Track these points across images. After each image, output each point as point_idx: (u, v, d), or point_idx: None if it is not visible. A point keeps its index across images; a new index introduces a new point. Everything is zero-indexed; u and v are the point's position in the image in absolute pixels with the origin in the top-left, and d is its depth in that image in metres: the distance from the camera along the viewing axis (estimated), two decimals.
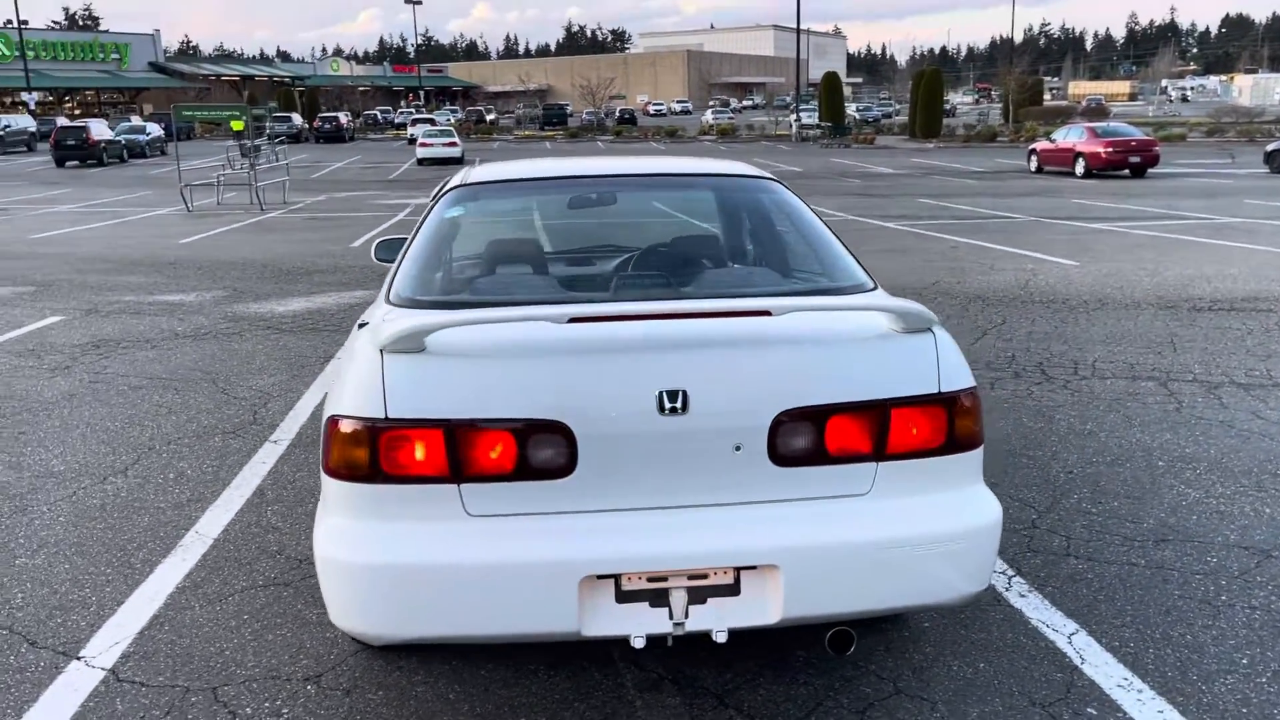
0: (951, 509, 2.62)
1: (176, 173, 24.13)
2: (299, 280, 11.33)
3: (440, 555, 2.40)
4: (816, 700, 2.97)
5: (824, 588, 2.50)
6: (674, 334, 2.53)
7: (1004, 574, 3.77)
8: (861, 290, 3.05)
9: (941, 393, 2.60)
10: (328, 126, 55.19)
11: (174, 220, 18.48)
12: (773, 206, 3.61)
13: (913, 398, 2.57)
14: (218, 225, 17.32)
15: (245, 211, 19.86)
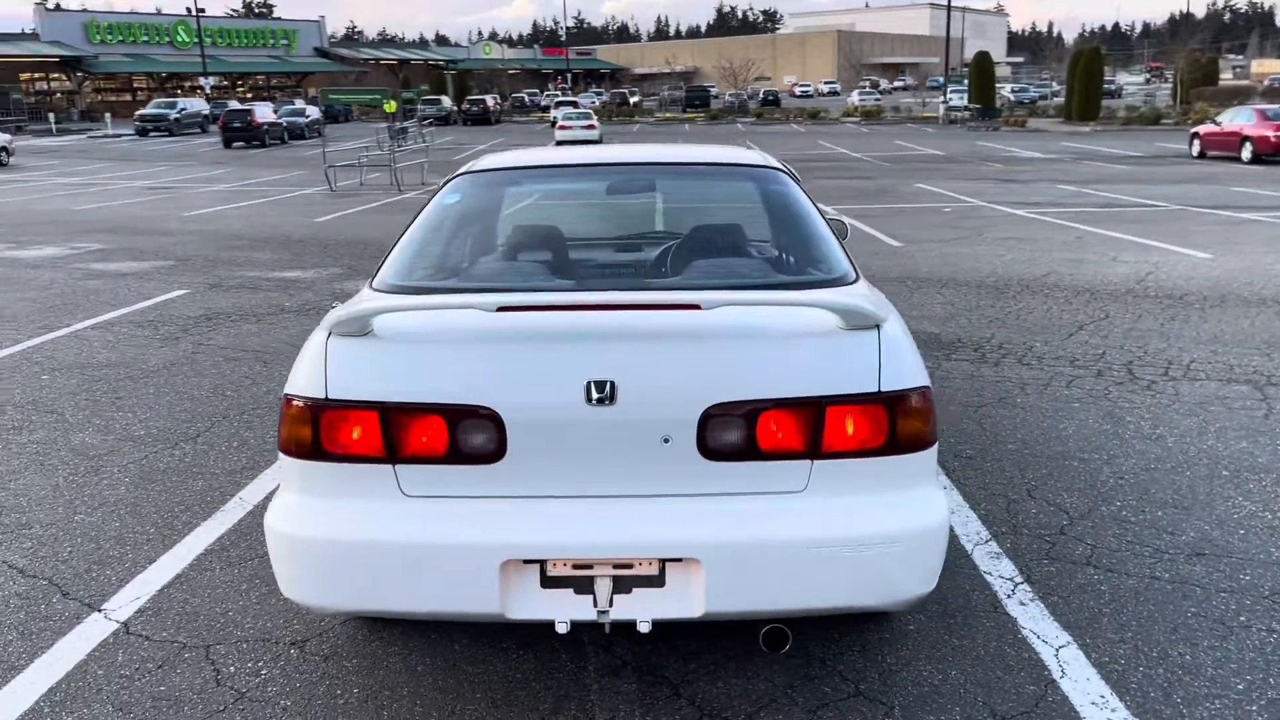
0: (891, 511, 2.57)
1: (323, 154, 25.17)
2: None
3: (374, 533, 2.50)
4: (771, 696, 2.95)
5: (748, 584, 2.49)
6: (602, 325, 2.56)
7: (1009, 580, 3.65)
8: (840, 283, 3.00)
9: (882, 392, 2.54)
10: (475, 109, 56.64)
11: (316, 200, 19.34)
12: (770, 196, 3.57)
13: (849, 396, 2.53)
14: (354, 205, 18.05)
15: (384, 192, 20.60)
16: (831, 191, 18.76)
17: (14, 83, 68.59)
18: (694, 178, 3.76)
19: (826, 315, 2.61)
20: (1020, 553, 3.88)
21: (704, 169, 3.74)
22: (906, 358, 2.61)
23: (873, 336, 2.58)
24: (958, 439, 5.17)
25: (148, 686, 3.04)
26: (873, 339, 2.57)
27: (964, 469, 4.76)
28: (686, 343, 2.54)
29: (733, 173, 3.72)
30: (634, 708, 2.90)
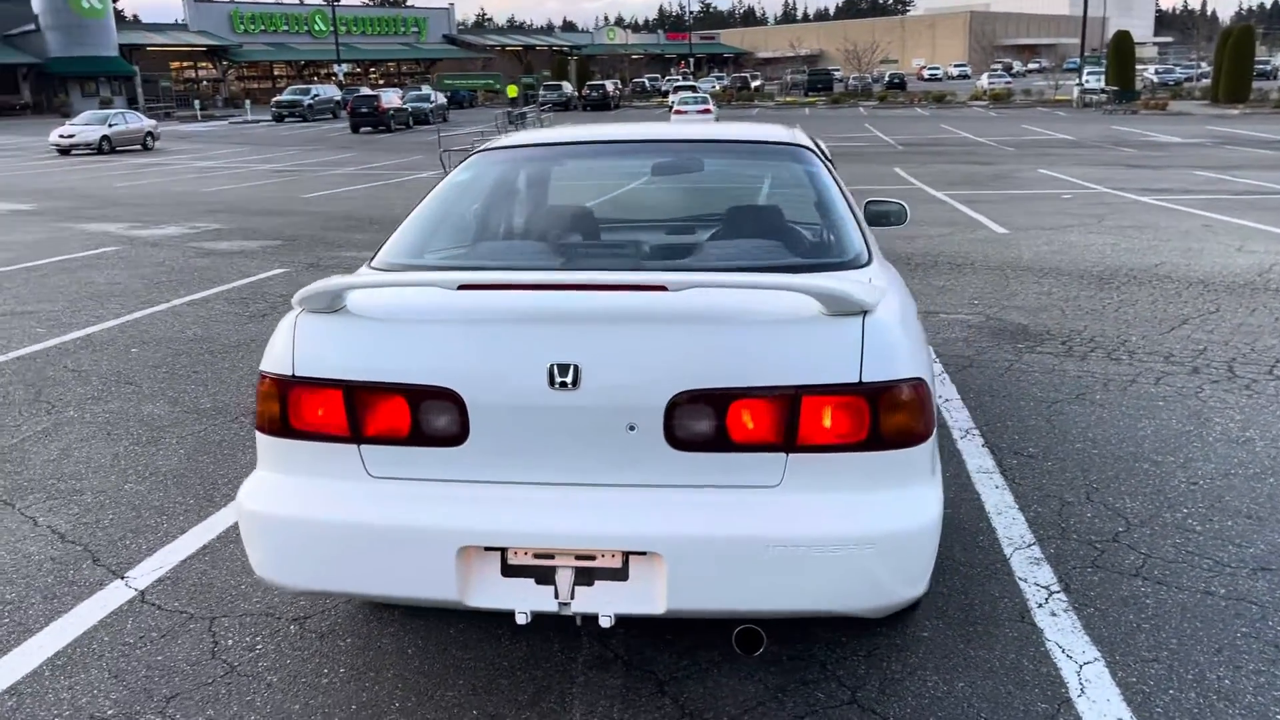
0: (873, 510, 2.40)
1: (438, 139, 25.65)
2: None
3: (337, 513, 2.47)
4: (760, 700, 2.82)
5: (714, 582, 2.36)
6: (566, 306, 2.46)
7: (1044, 588, 3.41)
8: (848, 266, 2.84)
9: (863, 383, 2.38)
10: (594, 94, 56.99)
11: (430, 183, 19.72)
12: (792, 175, 3.41)
13: (827, 386, 2.37)
14: None
15: None
16: (943, 177, 18.15)
17: (165, 71, 72.11)
18: (714, 155, 3.62)
19: (806, 300, 2.45)
20: (1064, 559, 3.62)
21: (725, 146, 3.60)
22: (897, 347, 2.43)
23: (855, 323, 2.41)
24: (1022, 436, 4.89)
25: (146, 656, 3.09)
26: (855, 326, 2.40)
27: (1022, 468, 4.50)
28: (653, 326, 2.42)
29: (755, 150, 3.56)
30: (614, 703, 2.81)
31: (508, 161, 3.54)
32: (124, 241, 12.64)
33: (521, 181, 3.49)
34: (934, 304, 7.94)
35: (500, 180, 3.48)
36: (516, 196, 3.41)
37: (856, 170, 20.10)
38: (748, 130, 3.65)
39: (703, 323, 2.42)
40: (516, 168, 3.54)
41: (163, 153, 33.02)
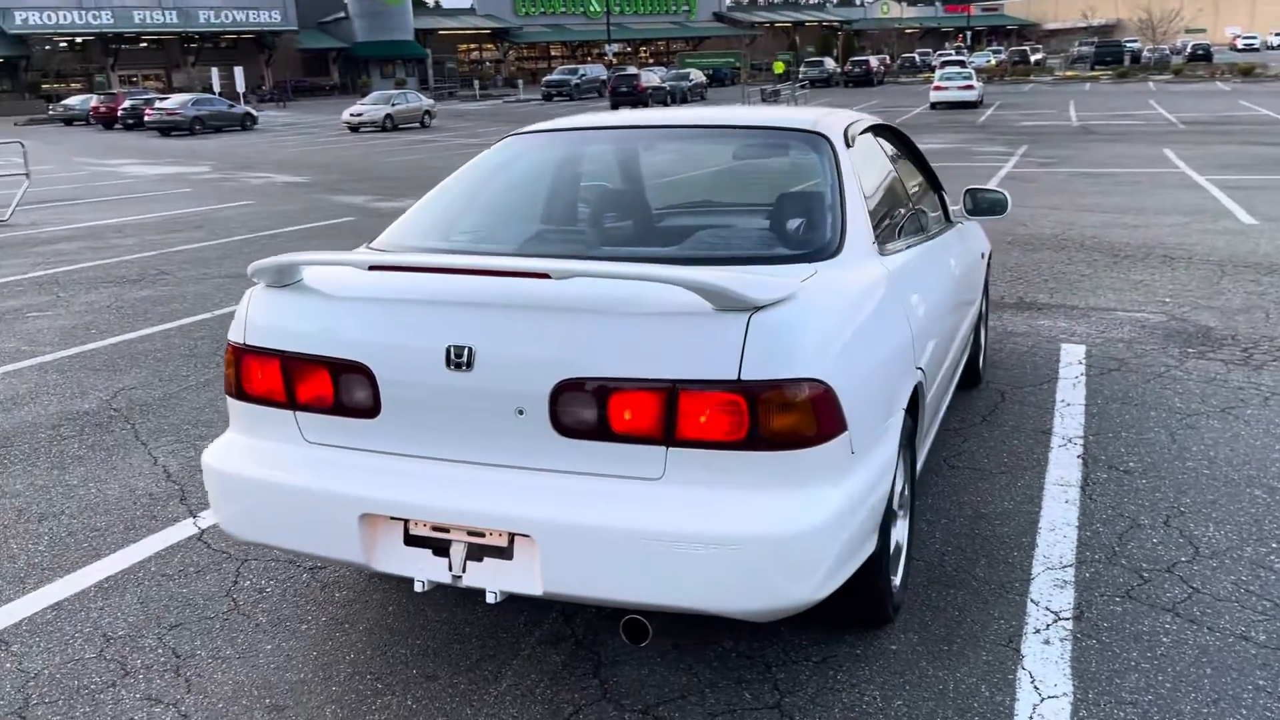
0: (753, 510, 2.34)
1: None
2: None
3: (271, 473, 2.69)
4: (684, 692, 2.81)
5: (586, 569, 2.39)
6: (463, 290, 2.54)
7: (1053, 614, 3.15)
8: (807, 259, 2.76)
9: (742, 381, 2.31)
10: (857, 70, 55.71)
11: None
12: (793, 162, 3.30)
13: (704, 382, 2.33)
14: None
15: None
16: (1216, 159, 16.48)
17: (451, 53, 77.08)
18: (719, 140, 3.56)
19: (685, 294, 2.41)
20: (1095, 585, 3.33)
21: (734, 132, 3.53)
22: (788, 346, 2.35)
23: (739, 321, 2.34)
24: (1130, 450, 4.48)
25: (174, 587, 3.47)
26: (739, 323, 2.34)
27: (1108, 484, 4.13)
28: (540, 313, 2.46)
29: (763, 136, 3.47)
30: (544, 678, 2.89)
31: (532, 145, 3.64)
32: (360, 212, 13.76)
33: (533, 165, 3.58)
34: (1116, 300, 7.32)
35: (515, 163, 3.58)
36: (522, 179, 3.50)
37: (1118, 151, 18.63)
38: (766, 115, 3.56)
39: (585, 312, 2.43)
40: (537, 151, 3.63)
41: (437, 130, 35.42)
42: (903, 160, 4.19)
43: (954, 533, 3.75)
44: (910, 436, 3.19)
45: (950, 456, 4.50)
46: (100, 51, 63.72)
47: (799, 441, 2.37)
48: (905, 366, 2.93)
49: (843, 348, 2.49)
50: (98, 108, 43.80)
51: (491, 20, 76.25)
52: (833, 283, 2.68)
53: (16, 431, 5.16)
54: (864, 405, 2.57)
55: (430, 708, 2.76)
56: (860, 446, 2.55)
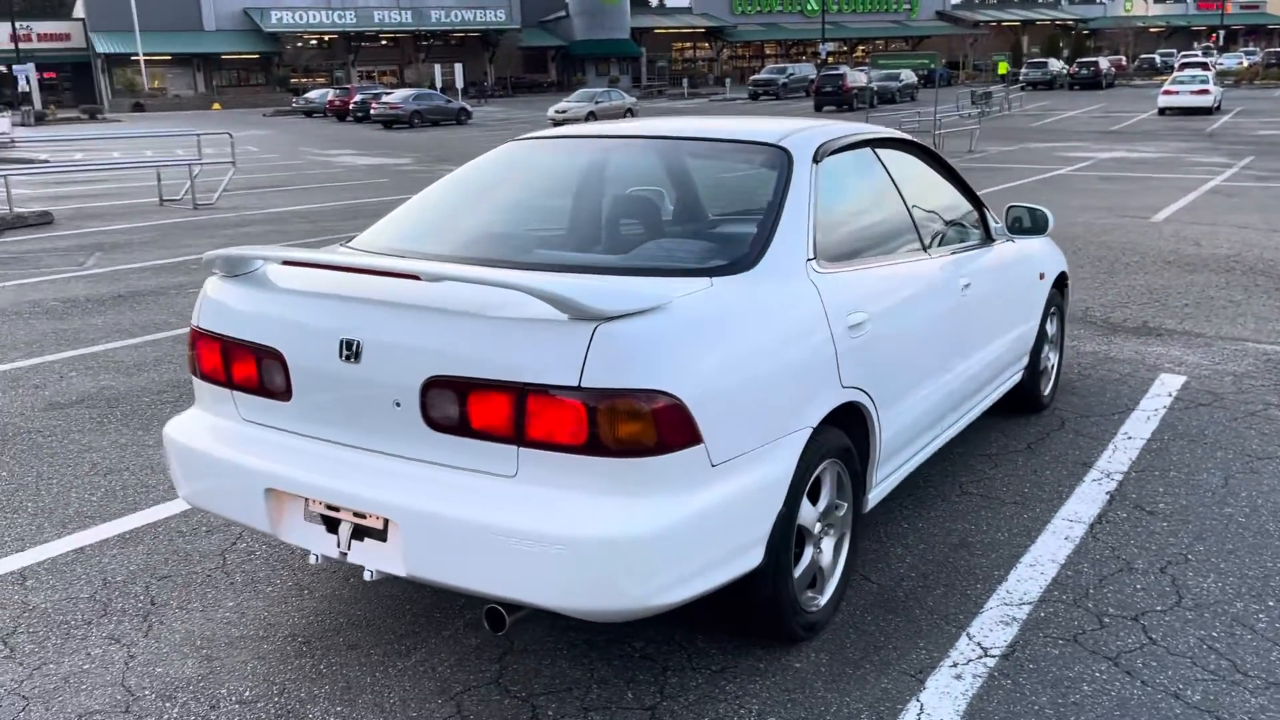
0: (591, 514, 2.42)
1: (865, 118, 25.48)
2: None
3: (209, 445, 2.97)
4: (570, 685, 2.91)
5: (441, 557, 2.53)
6: (357, 287, 2.74)
7: (983, 650, 3.05)
8: (714, 273, 2.80)
9: (582, 389, 2.40)
10: (1084, 72, 52.71)
11: None
12: (751, 176, 3.31)
13: (548, 387, 2.43)
14: None
15: None
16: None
17: (665, 52, 78.17)
18: (685, 153, 3.60)
19: (536, 302, 2.51)
20: (1044, 625, 3.19)
21: (701, 144, 3.56)
22: (632, 357, 2.41)
23: (585, 330, 2.42)
24: (1168, 490, 4.21)
25: (181, 544, 3.85)
26: (584, 332, 2.42)
27: (1123, 523, 3.91)
28: (414, 313, 2.62)
29: (726, 149, 3.49)
30: (450, 657, 3.06)
31: (520, 151, 3.80)
32: None
33: (510, 172, 3.72)
34: (1254, 330, 6.77)
35: (496, 169, 3.74)
36: (496, 185, 3.64)
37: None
38: (739, 128, 3.58)
39: (452, 314, 2.58)
40: (521, 157, 3.77)
41: None
42: (917, 178, 4.09)
43: (927, 559, 3.65)
44: (845, 455, 3.15)
45: (969, 482, 4.35)
46: (343, 49, 68.54)
47: (640, 450, 2.43)
48: (817, 384, 2.91)
49: (703, 362, 2.53)
50: (332, 101, 47.18)
51: (707, 19, 76.85)
52: (720, 297, 2.71)
53: (128, 394, 5.78)
54: (732, 420, 2.60)
55: (336, 672, 2.99)
56: (724, 460, 2.58)
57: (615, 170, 3.59)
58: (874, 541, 3.81)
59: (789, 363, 2.81)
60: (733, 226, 3.15)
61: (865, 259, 3.40)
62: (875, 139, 3.88)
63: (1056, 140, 24.55)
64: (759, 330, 2.74)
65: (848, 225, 3.53)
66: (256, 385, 2.92)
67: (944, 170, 4.39)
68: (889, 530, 3.90)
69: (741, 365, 2.65)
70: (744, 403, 2.65)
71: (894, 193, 3.82)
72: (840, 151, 3.60)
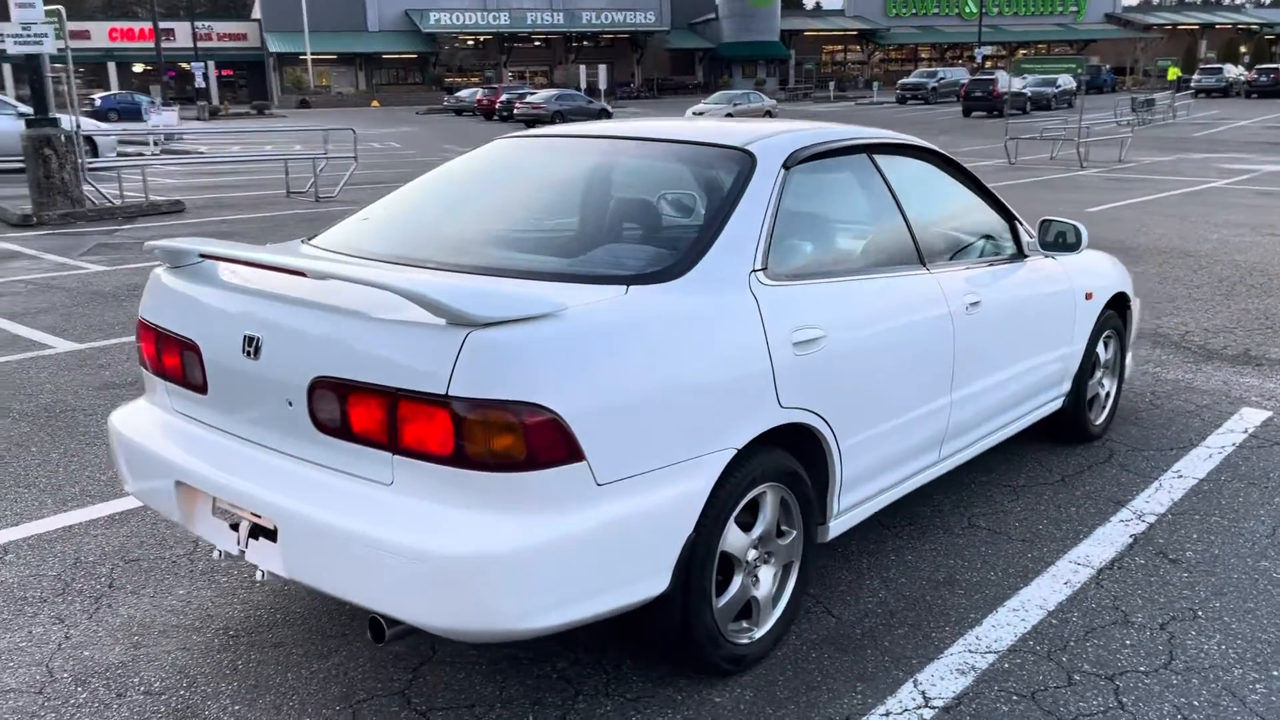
0: (457, 529, 2.32)
1: (1005, 125, 24.49)
2: None
3: (140, 436, 2.99)
4: (474, 702, 2.81)
5: (315, 562, 2.47)
6: (255, 283, 2.70)
7: (924, 698, 2.80)
8: (632, 281, 2.66)
9: (449, 397, 2.30)
10: (1263, 79, 49.35)
11: (987, 172, 19.13)
12: (699, 181, 3.13)
13: (417, 394, 2.33)
14: (1014, 178, 17.58)
15: (1065, 167, 19.52)
16: None
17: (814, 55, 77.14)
18: (652, 155, 3.43)
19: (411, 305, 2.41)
20: (1003, 678, 2.91)
21: (668, 146, 3.39)
22: (503, 368, 2.29)
23: (456, 336, 2.32)
24: (1203, 537, 3.82)
25: (162, 529, 3.92)
26: (455, 339, 2.31)
27: (1137, 571, 3.56)
28: (305, 312, 2.56)
29: (691, 151, 3.31)
30: (366, 663, 3.00)
31: (494, 151, 3.71)
32: None
33: (480, 171, 3.62)
34: None
35: (470, 168, 3.66)
36: (463, 185, 3.56)
37: None
38: (709, 130, 3.39)
39: (338, 314, 2.51)
40: (495, 157, 3.67)
41: None
42: (925, 187, 3.83)
43: (902, 595, 3.40)
44: (792, 480, 2.96)
45: (981, 514, 4.05)
46: (496, 49, 70.29)
47: (509, 465, 2.31)
48: (745, 404, 2.73)
49: (589, 375, 2.39)
50: (480, 100, 48.40)
51: (860, 21, 75.47)
52: (628, 307, 2.56)
53: None
54: (626, 438, 2.45)
55: (251, 670, 2.97)
56: (614, 480, 2.44)
57: (577, 172, 3.47)
58: (851, 572, 3.57)
59: (707, 380, 2.64)
60: (676, 233, 2.99)
61: (836, 273, 3.18)
62: (875, 144, 3.64)
63: (1218, 151, 23.02)
64: (670, 344, 2.58)
65: (820, 235, 3.32)
66: (181, 377, 2.92)
67: (965, 179, 4.10)
68: (873, 562, 3.65)
69: (642, 380, 2.49)
70: (643, 421, 2.49)
71: (890, 202, 3.58)
72: (824, 157, 3.38)
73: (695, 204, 3.12)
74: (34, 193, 12.76)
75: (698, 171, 3.24)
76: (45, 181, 12.70)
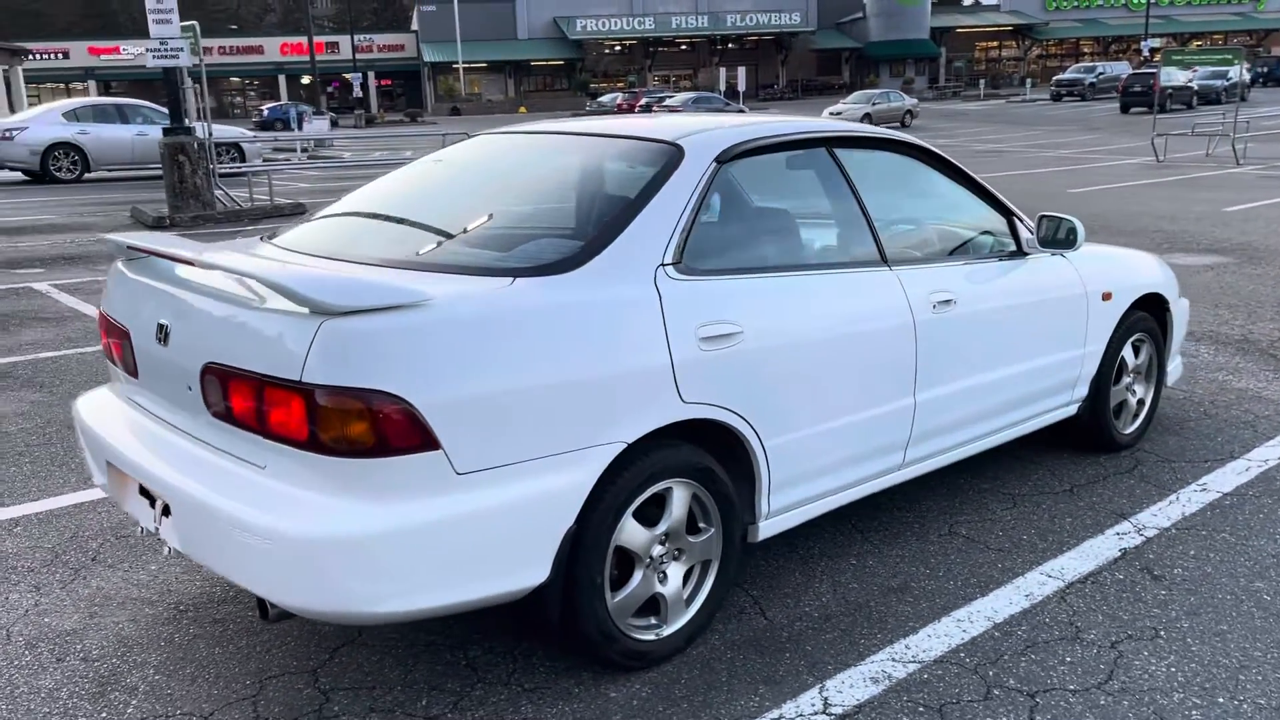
0: (315, 512, 2.39)
1: (1153, 120, 23.23)
2: None
3: (90, 418, 3.17)
4: (374, 684, 2.88)
5: (196, 540, 2.58)
6: (165, 272, 2.84)
7: (824, 702, 2.71)
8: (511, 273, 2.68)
9: (302, 384, 2.37)
10: None
11: (1128, 171, 18.27)
12: (631, 177, 3.10)
13: (278, 380, 2.41)
14: (1158, 177, 16.80)
15: (1218, 165, 18.46)
16: None
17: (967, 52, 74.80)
18: (587, 153, 3.40)
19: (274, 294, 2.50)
20: (917, 689, 2.79)
21: (605, 141, 3.37)
22: (353, 355, 2.34)
23: (312, 324, 2.38)
24: (1202, 554, 3.57)
25: None
26: (310, 327, 2.38)
27: (1112, 587, 3.36)
28: (199, 300, 2.68)
29: (625, 145, 3.29)
30: (286, 641, 3.10)
31: (459, 149, 3.77)
32: None
33: (440, 167, 3.68)
34: None
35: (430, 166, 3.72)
36: (415, 182, 3.61)
37: None
38: (651, 125, 3.36)
39: (224, 303, 2.62)
40: (457, 155, 3.72)
41: (914, 130, 34.95)
42: (896, 183, 3.70)
43: (847, 600, 3.30)
44: (705, 477, 2.91)
45: (965, 522, 3.88)
46: (641, 54, 70.97)
47: (360, 451, 2.37)
48: (638, 397, 2.70)
49: (450, 365, 2.42)
50: (620, 104, 48.95)
51: (1017, 16, 72.74)
52: (507, 299, 2.57)
53: None
54: (491, 429, 2.47)
55: (184, 643, 3.12)
56: (476, 469, 2.46)
57: (515, 168, 3.50)
58: (803, 575, 3.48)
59: (592, 373, 2.63)
60: (588, 226, 2.98)
61: (768, 269, 3.11)
62: (836, 138, 3.53)
63: None
64: (549, 336, 2.58)
65: (754, 231, 3.25)
66: (122, 363, 3.10)
67: (954, 175, 3.93)
68: (830, 565, 3.55)
69: (511, 372, 2.51)
70: (511, 412, 2.50)
71: (848, 198, 3.47)
72: (768, 151, 3.32)
73: (615, 197, 3.10)
74: (169, 196, 13.65)
75: (625, 166, 3.22)
76: (179, 186, 13.57)
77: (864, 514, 3.96)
